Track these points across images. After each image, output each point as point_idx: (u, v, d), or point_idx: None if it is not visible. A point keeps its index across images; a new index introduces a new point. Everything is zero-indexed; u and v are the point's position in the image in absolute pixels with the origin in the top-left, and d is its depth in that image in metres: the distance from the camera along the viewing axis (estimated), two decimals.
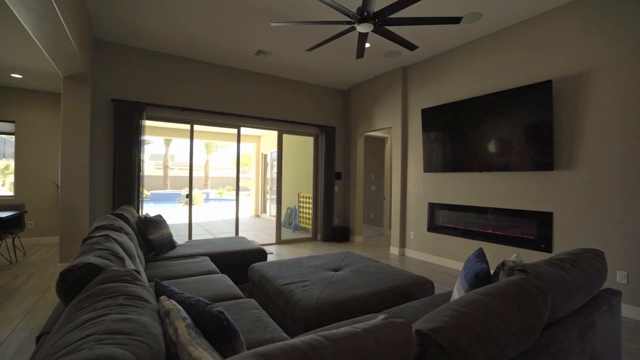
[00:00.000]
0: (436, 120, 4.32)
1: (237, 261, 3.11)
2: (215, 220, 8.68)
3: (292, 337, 1.70)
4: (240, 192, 5.34)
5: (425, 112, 4.46)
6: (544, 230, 3.22)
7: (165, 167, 16.58)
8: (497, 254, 3.66)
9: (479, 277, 1.32)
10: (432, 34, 3.81)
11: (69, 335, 0.65)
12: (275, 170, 9.44)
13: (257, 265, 2.70)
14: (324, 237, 5.95)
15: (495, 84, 3.69)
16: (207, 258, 2.82)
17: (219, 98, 4.86)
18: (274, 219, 9.00)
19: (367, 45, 4.17)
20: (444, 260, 4.28)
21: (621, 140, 2.75)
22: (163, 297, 0.96)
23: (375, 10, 2.42)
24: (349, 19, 2.52)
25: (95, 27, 3.71)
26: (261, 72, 5.25)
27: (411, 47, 3.01)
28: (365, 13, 2.41)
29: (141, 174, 4.15)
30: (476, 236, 3.89)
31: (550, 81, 3.07)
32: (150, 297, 0.95)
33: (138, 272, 1.16)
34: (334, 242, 5.90)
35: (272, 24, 2.56)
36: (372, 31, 2.61)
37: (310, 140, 6.28)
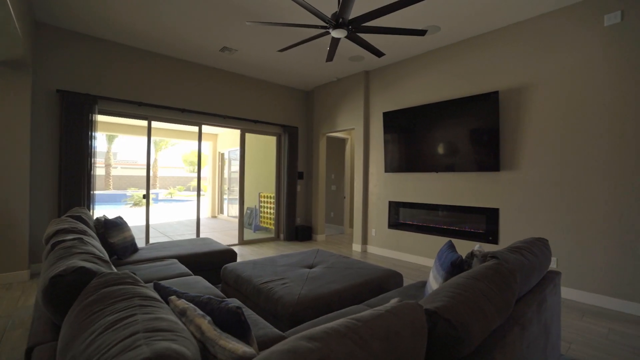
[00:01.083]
0: (397, 123, 4.60)
1: (206, 263, 3.03)
2: (170, 222, 8.21)
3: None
4: (194, 193, 5.15)
5: (387, 116, 4.72)
6: (492, 225, 3.62)
7: (108, 165, 15.19)
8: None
9: (455, 265, 1.49)
10: (395, 42, 4.05)
11: (103, 336, 0.64)
12: (233, 169, 9.22)
13: (230, 265, 2.67)
14: (286, 237, 5.97)
15: (451, 92, 4.05)
16: (176, 260, 2.71)
17: (180, 94, 4.64)
18: (233, 219, 8.80)
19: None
20: (405, 255, 4.57)
21: (554, 145, 3.20)
22: (174, 297, 0.96)
23: (350, 18, 2.53)
24: (325, 24, 2.60)
25: (36, 6, 3.33)
26: (225, 69, 5.11)
27: (379, 54, 3.18)
28: (341, 19, 2.51)
29: (92, 173, 3.82)
30: (433, 232, 4.23)
31: (497, 92, 3.47)
32: (159, 297, 0.94)
33: (135, 273, 1.12)
34: (296, 242, 5.95)
35: (247, 23, 2.54)
36: (345, 37, 2.72)
37: (270, 139, 6.26)
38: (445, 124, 3.98)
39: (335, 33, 2.63)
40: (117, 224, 2.75)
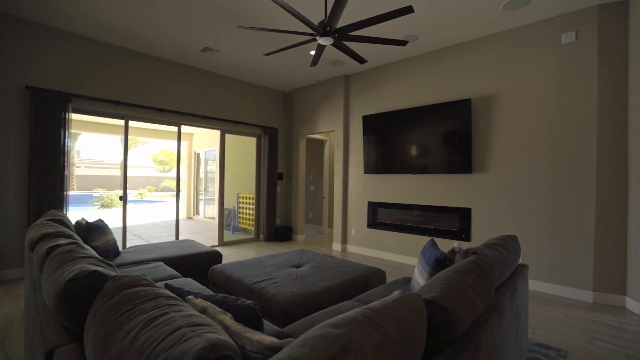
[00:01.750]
0: (376, 126, 4.78)
1: (192, 264, 3.02)
2: (143, 224, 7.93)
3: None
4: (166, 193, 5.05)
5: (366, 119, 4.89)
6: (465, 223, 3.89)
7: (72, 164, 14.29)
8: None
9: (439, 261, 1.64)
10: (375, 48, 4.22)
11: (146, 332, 0.70)
12: (209, 169, 9.07)
13: (218, 267, 2.69)
14: (267, 237, 6.00)
15: (427, 98, 4.28)
16: (162, 263, 2.69)
17: (159, 93, 4.54)
18: (210, 220, 8.65)
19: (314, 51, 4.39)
20: (384, 254, 4.76)
21: (519, 149, 3.50)
22: (191, 297, 1.01)
23: (337, 27, 2.64)
24: (312, 32, 2.69)
25: None
26: (206, 69, 5.06)
27: (361, 60, 3.32)
28: (328, 28, 2.61)
29: (66, 173, 3.66)
30: (410, 230, 4.45)
31: (469, 99, 3.73)
32: (179, 297, 0.99)
33: (146, 275, 1.16)
34: (277, 242, 5.99)
35: (237, 27, 2.58)
36: (331, 44, 2.83)
37: (248, 140, 6.26)
38: (422, 128, 4.20)
39: (322, 40, 2.73)
40: (99, 227, 2.69)
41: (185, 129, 8.54)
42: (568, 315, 2.78)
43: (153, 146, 20.03)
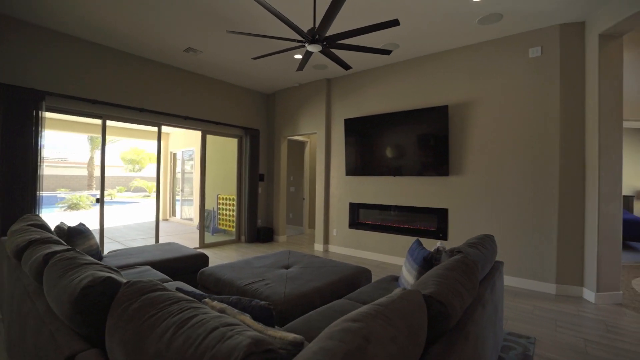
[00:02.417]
0: (357, 129, 4.92)
1: (179, 268, 3.00)
2: (117, 227, 7.63)
3: None
4: (137, 194, 4.92)
5: (348, 122, 5.02)
6: (442, 223, 4.11)
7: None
8: (409, 244, 4.44)
9: (427, 259, 1.77)
10: (358, 55, 4.35)
11: (183, 333, 0.75)
12: (186, 170, 8.88)
13: (208, 269, 2.70)
14: (248, 239, 5.99)
15: (407, 103, 4.47)
16: (149, 267, 2.66)
17: (139, 93, 4.42)
18: (187, 222, 8.47)
19: (299, 56, 4.46)
20: (365, 253, 4.91)
21: (491, 153, 3.76)
22: (208, 299, 1.07)
23: (326, 35, 2.73)
24: (301, 39, 2.77)
25: None
26: (188, 69, 4.98)
27: (346, 67, 3.43)
28: (317, 36, 2.70)
29: (39, 173, 3.50)
30: (391, 230, 4.63)
31: (446, 106, 3.95)
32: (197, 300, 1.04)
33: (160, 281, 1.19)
34: (258, 243, 6.00)
35: (227, 32, 2.61)
36: (319, 51, 2.92)
37: (228, 141, 6.22)
38: (402, 132, 4.39)
39: (311, 47, 2.81)
40: (82, 232, 2.61)
41: (162, 128, 8.28)
42: (535, 306, 3.05)
43: (122, 144, 19.19)
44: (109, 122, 4.18)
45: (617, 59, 3.11)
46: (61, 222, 2.84)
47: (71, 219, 8.29)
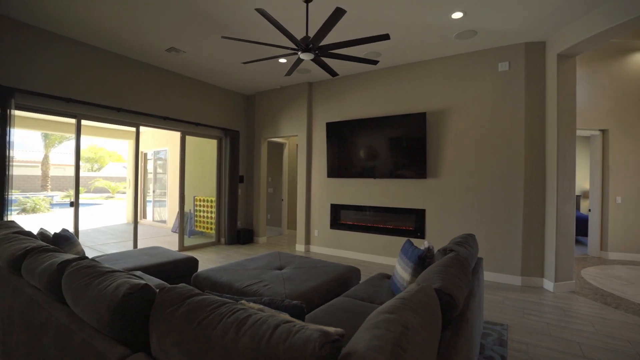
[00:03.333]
0: (339, 133, 5.08)
1: (169, 272, 2.97)
2: (84, 230, 7.17)
3: None
4: (99, 195, 4.72)
5: (330, 126, 5.16)
6: (419, 223, 4.38)
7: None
8: (389, 243, 4.68)
9: (421, 257, 1.95)
10: (341, 61, 4.50)
11: (247, 331, 0.83)
12: (160, 170, 8.59)
13: (202, 273, 2.71)
14: (228, 241, 5.95)
15: (387, 109, 4.70)
16: (142, 273, 2.63)
17: (118, 92, 4.26)
18: (160, 224, 8.19)
19: (284, 61, 4.53)
20: (347, 253, 5.09)
21: (464, 158, 4.08)
22: (244, 301, 1.15)
23: (319, 44, 2.85)
24: (295, 47, 2.86)
25: None
26: (168, 69, 4.86)
27: (334, 74, 3.57)
28: (311, 45, 2.81)
29: (9, 173, 3.29)
30: (371, 230, 4.84)
31: (424, 113, 4.22)
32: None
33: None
34: (239, 245, 5.98)
35: (222, 37, 2.64)
36: (310, 59, 3.03)
37: (205, 142, 6.13)
38: (383, 137, 4.61)
39: (304, 56, 2.91)
40: (69, 238, 2.52)
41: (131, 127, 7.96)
42: (505, 297, 3.38)
43: (81, 142, 17.96)
44: (62, 119, 3.98)
45: (572, 76, 3.52)
46: (41, 228, 2.71)
47: (28, 224, 7.70)
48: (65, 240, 2.48)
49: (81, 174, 4.09)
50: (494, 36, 3.61)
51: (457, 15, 3.18)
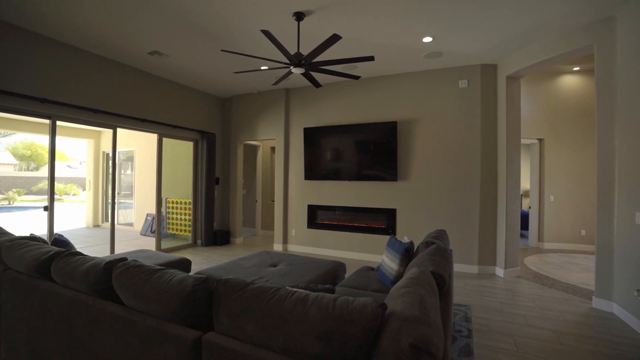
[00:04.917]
0: (316, 138, 5.39)
1: None
2: (43, 235, 6.70)
3: None
4: (42, 197, 4.41)
5: (307, 131, 5.45)
6: (391, 221, 4.85)
7: None
8: (364, 240, 5.08)
9: (407, 249, 2.34)
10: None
11: (310, 306, 1.12)
12: (128, 172, 8.26)
13: (204, 272, 2.87)
14: (205, 242, 5.99)
15: (362, 117, 5.10)
16: None
17: (95, 93, 4.16)
18: (126, 228, 7.89)
19: (266, 68, 4.73)
20: (324, 250, 5.42)
21: (430, 163, 4.61)
22: (287, 287, 1.42)
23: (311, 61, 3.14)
24: (287, 62, 3.12)
25: None
26: (148, 71, 4.82)
27: (317, 85, 3.88)
28: (303, 61, 3.09)
29: None
30: (346, 229, 5.22)
31: (395, 122, 4.69)
32: None
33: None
34: (216, 246, 6.04)
35: (221, 50, 2.81)
36: (301, 73, 3.30)
37: (178, 144, 6.10)
38: (357, 142, 5.01)
39: (296, 70, 3.19)
40: (67, 243, 2.54)
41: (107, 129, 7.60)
42: (466, 283, 3.93)
43: (15, 138, 16.50)
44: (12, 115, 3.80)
45: (517, 94, 4.18)
46: (31, 234, 2.69)
47: None
48: (65, 245, 2.51)
49: (20, 174, 3.93)
50: (456, 57, 4.16)
51: (427, 39, 3.65)
